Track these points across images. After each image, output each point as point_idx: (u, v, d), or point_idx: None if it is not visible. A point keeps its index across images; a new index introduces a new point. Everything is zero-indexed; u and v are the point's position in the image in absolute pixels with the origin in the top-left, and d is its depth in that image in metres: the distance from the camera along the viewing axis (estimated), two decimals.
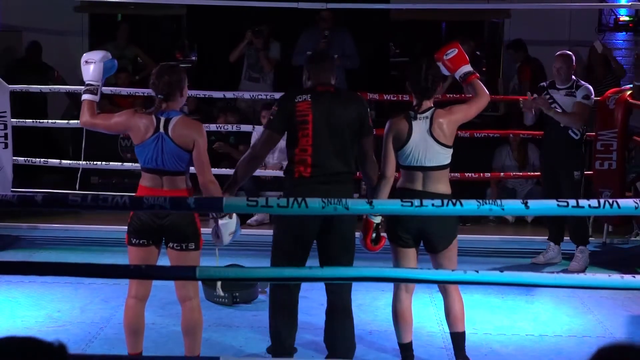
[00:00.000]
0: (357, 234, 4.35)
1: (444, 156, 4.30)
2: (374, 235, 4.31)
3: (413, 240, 4.34)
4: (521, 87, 8.45)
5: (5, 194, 4.23)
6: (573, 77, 6.43)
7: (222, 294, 5.50)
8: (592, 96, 6.42)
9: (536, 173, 7.67)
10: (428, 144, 4.26)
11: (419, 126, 4.27)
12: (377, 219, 4.30)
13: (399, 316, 4.43)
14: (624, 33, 9.04)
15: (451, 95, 6.73)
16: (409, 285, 4.40)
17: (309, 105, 4.21)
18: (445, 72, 4.49)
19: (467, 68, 4.46)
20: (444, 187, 4.30)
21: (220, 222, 4.12)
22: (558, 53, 6.53)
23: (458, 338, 4.46)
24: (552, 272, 5.52)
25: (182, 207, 3.39)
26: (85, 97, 4.28)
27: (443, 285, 4.39)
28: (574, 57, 6.48)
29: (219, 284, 5.51)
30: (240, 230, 4.24)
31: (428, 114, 4.29)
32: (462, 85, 4.61)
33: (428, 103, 4.33)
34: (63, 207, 2.98)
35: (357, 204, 3.07)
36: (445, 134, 4.28)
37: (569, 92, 6.38)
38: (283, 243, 4.31)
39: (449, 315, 4.45)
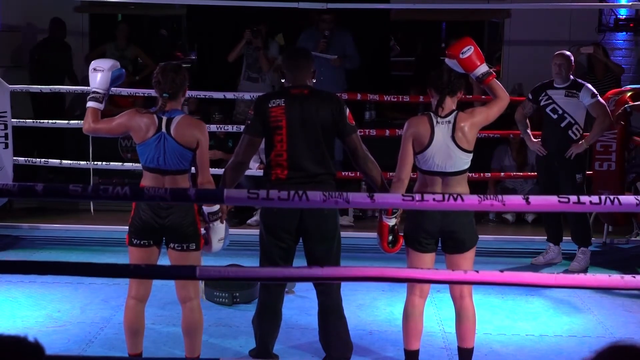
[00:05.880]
0: (348, 234, 4.34)
1: (465, 161, 4.14)
2: (390, 237, 4.20)
3: (434, 243, 4.20)
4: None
5: (6, 183, 4.22)
6: (571, 76, 6.43)
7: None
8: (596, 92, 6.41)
9: (535, 173, 7.67)
10: (450, 149, 4.10)
11: (441, 130, 4.10)
12: (392, 222, 4.17)
13: (409, 322, 4.28)
14: (624, 33, 9.03)
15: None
16: (423, 290, 4.28)
17: (283, 111, 4.21)
18: (459, 70, 4.26)
19: (484, 68, 4.24)
20: (464, 190, 4.15)
21: (210, 226, 4.13)
22: (557, 52, 6.51)
23: (466, 354, 4.33)
24: (552, 272, 5.51)
25: (183, 199, 3.39)
26: (90, 104, 4.29)
27: (459, 299, 4.27)
28: (572, 57, 6.48)
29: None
30: (228, 239, 4.26)
31: (451, 117, 4.11)
32: (480, 86, 4.49)
33: (451, 104, 4.15)
34: (63, 197, 2.97)
35: (357, 198, 3.07)
36: (468, 139, 4.11)
37: (569, 92, 6.35)
38: (266, 242, 4.31)
39: (460, 329, 4.30)
